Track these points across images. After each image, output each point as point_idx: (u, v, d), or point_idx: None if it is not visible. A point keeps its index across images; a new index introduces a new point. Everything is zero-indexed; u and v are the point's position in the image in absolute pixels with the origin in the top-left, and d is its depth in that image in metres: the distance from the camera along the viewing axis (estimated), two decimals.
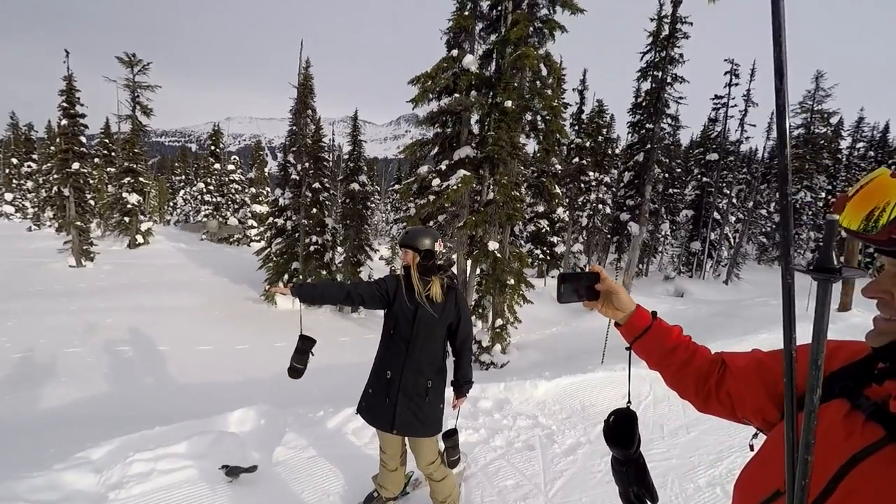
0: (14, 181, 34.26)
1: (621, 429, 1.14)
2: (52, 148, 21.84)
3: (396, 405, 2.24)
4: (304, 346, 2.45)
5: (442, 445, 2.48)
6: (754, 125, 21.75)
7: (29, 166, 33.38)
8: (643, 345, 1.08)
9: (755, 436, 0.97)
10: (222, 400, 6.09)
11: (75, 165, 17.62)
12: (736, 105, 21.34)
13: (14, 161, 34.51)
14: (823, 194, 26.36)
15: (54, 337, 8.76)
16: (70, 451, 2.92)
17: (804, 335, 0.63)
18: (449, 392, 2.42)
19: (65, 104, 17.53)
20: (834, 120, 26.29)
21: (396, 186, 44.05)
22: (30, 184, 32.73)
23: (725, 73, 20.78)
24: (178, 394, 6.94)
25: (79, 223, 16.98)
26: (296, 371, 2.46)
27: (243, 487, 2.71)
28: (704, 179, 22.34)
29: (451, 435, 2.45)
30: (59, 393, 6.55)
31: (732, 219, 23.07)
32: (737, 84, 20.96)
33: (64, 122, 17.60)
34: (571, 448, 3.59)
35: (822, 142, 26.09)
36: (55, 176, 18.39)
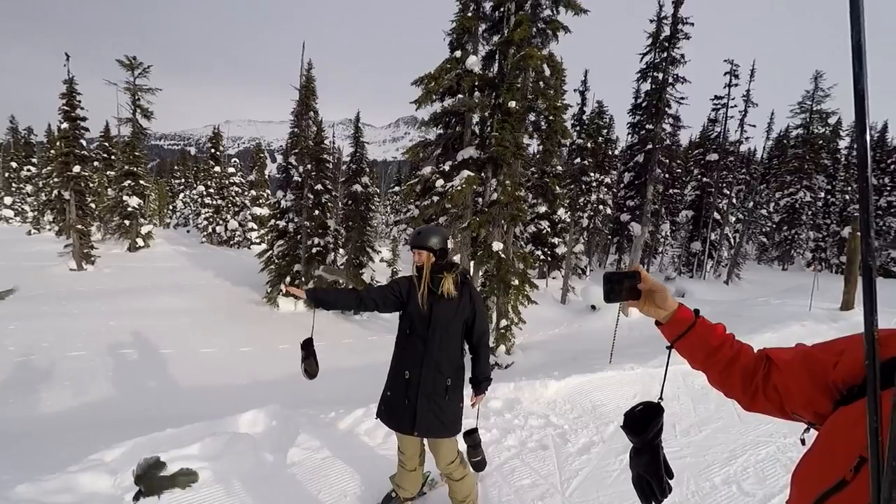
0: (13, 185, 34.17)
1: (642, 418, 1.14)
2: (53, 151, 21.81)
3: (417, 406, 2.23)
4: (306, 350, 2.44)
5: (463, 445, 2.47)
6: (754, 125, 21.77)
7: (28, 170, 33.33)
8: (686, 343, 1.07)
9: (806, 430, 0.96)
10: (229, 402, 6.07)
11: (76, 169, 17.59)
12: (736, 105, 21.43)
13: (13, 165, 34.42)
14: (822, 194, 26.44)
15: (57, 341, 8.72)
16: (83, 454, 2.89)
17: (813, 332, 0.63)
18: (467, 390, 2.41)
19: (66, 107, 17.51)
20: (832, 120, 26.40)
21: (396, 188, 44.11)
22: (29, 187, 32.67)
23: (725, 74, 20.87)
24: (182, 397, 6.91)
25: (79, 226, 16.94)
26: (310, 374, 2.44)
27: (261, 488, 2.69)
28: (704, 180, 22.40)
29: (472, 434, 2.44)
30: (62, 396, 6.52)
31: (732, 219, 23.12)
32: (736, 85, 21.05)
33: (65, 125, 17.57)
34: (585, 447, 3.58)
35: (821, 142, 26.19)
36: (56, 179, 18.35)
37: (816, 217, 26.16)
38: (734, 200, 22.76)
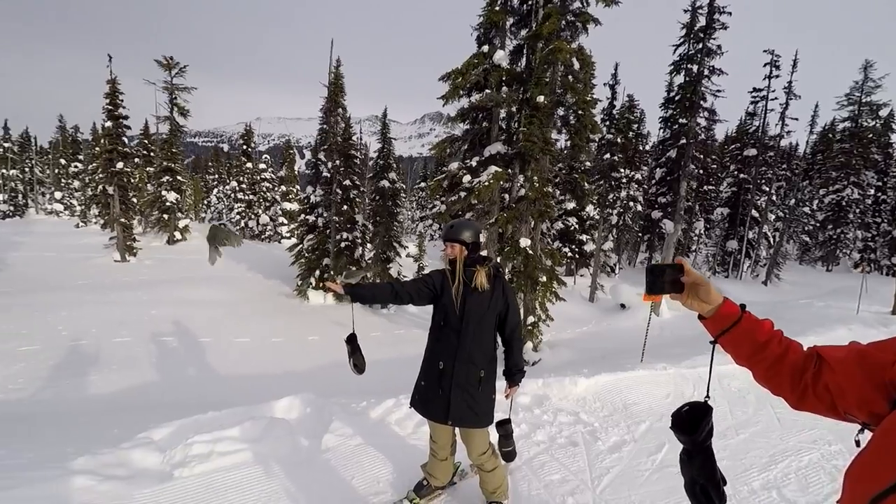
0: (62, 180, 36.23)
1: (691, 419, 1.12)
2: (97, 148, 22.97)
3: (450, 396, 2.26)
4: (352, 345, 2.50)
5: (495, 436, 2.49)
6: (796, 119, 20.68)
7: (76, 166, 35.22)
8: (732, 339, 1.05)
9: (861, 431, 0.93)
10: (263, 390, 6.29)
11: (119, 165, 18.50)
12: (776, 98, 20.43)
13: (62, 161, 36.49)
14: (872, 191, 24.95)
15: (103, 327, 9.24)
16: (133, 433, 3.07)
17: (861, 337, 0.60)
18: (501, 383, 2.42)
19: (109, 106, 18.41)
20: (884, 112, 24.85)
21: (422, 184, 44.32)
22: (76, 183, 34.53)
23: (765, 65, 19.93)
24: (220, 383, 7.20)
25: (122, 220, 17.82)
26: (359, 369, 2.50)
27: (298, 471, 2.79)
28: (741, 176, 21.52)
29: (505, 425, 2.45)
30: (110, 379, 6.91)
31: (772, 217, 22.12)
32: (777, 76, 20.07)
33: (108, 123, 18.49)
34: (616, 445, 3.53)
35: (871, 135, 24.70)
36: (100, 175, 19.34)
37: (865, 215, 24.70)
38: (774, 197, 21.76)
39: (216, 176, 47.74)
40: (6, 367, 6.91)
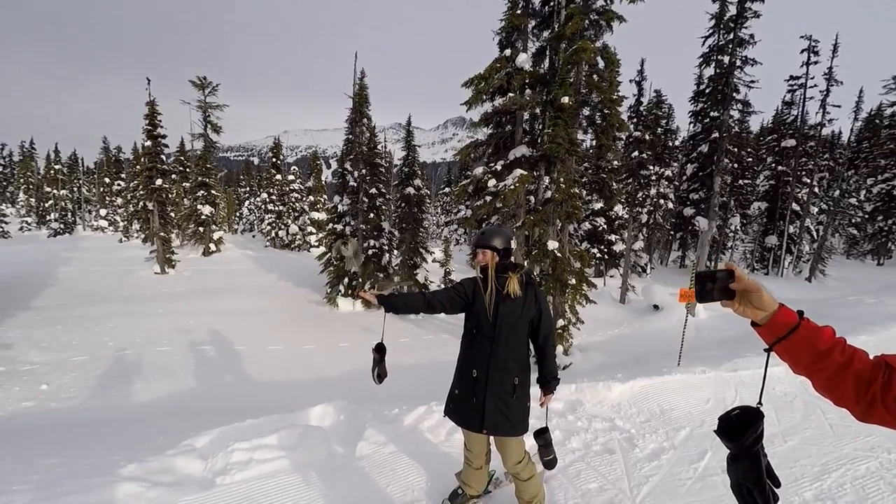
0: (107, 198, 38.34)
1: (738, 423, 1.07)
2: (138, 167, 24.22)
3: (485, 404, 2.25)
4: (380, 354, 2.51)
5: (533, 444, 2.45)
6: (839, 106, 19.55)
7: (119, 184, 37.21)
8: (789, 347, 1.00)
9: None
10: (297, 397, 6.44)
11: (158, 182, 19.42)
12: (815, 85, 19.42)
13: (106, 180, 38.63)
14: None
15: (146, 337, 9.69)
16: (177, 440, 3.20)
17: None
18: (535, 390, 2.39)
19: (148, 127, 19.39)
20: None
21: (447, 189, 44.47)
22: (119, 200, 36.46)
23: (802, 52, 18.99)
24: (256, 390, 7.40)
25: (161, 234, 18.67)
26: (382, 378, 2.53)
27: (334, 479, 2.83)
28: (780, 168, 20.53)
29: (543, 433, 2.41)
30: (154, 387, 7.22)
31: (814, 210, 20.99)
32: (816, 62, 19.07)
33: (147, 142, 19.46)
34: (655, 453, 3.42)
35: None
36: (141, 192, 20.36)
37: None
38: (816, 189, 20.66)
39: (247, 188, 49.43)
40: (59, 377, 7.34)
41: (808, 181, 20.00)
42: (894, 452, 3.39)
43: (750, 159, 23.32)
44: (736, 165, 20.34)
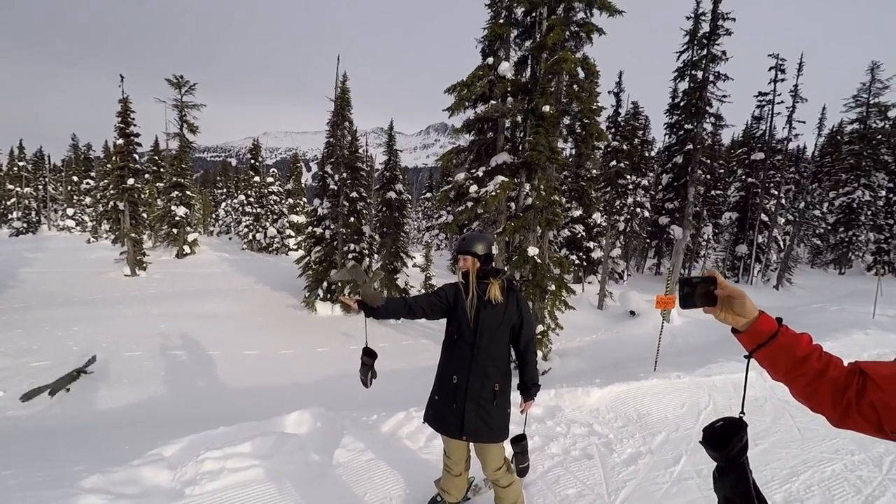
0: (75, 197, 36.87)
1: (723, 434, 1.08)
2: (109, 165, 23.41)
3: (465, 411, 2.23)
4: (369, 358, 2.49)
5: (510, 451, 2.44)
6: (803, 122, 20.51)
7: (87, 183, 35.84)
8: (768, 353, 1.02)
9: None
10: (273, 403, 6.27)
11: (130, 181, 18.78)
12: (782, 101, 20.33)
13: (74, 178, 37.18)
14: (883, 192, 24.62)
15: (114, 341, 9.29)
16: (143, 449, 3.06)
17: (879, 342, 0.57)
18: (515, 396, 2.38)
19: (120, 125, 18.76)
20: (892, 114, 24.58)
21: (428, 194, 44.47)
22: (88, 199, 35.11)
23: (770, 69, 19.86)
24: (229, 396, 7.18)
25: (133, 235, 18.04)
26: (367, 383, 2.50)
27: (309, 488, 2.76)
28: (749, 180, 21.33)
29: (520, 440, 2.41)
30: (121, 394, 6.92)
31: (781, 220, 21.86)
32: (783, 80, 19.98)
33: (120, 141, 18.82)
34: (632, 458, 3.46)
35: (880, 136, 24.45)
36: (112, 191, 19.64)
37: (877, 217, 24.33)
38: (783, 201, 21.53)
39: (224, 190, 48.33)
40: (17, 383, 6.95)
41: (776, 193, 20.83)
42: (857, 454, 3.52)
43: (722, 171, 24.17)
44: (709, 176, 21.02)
